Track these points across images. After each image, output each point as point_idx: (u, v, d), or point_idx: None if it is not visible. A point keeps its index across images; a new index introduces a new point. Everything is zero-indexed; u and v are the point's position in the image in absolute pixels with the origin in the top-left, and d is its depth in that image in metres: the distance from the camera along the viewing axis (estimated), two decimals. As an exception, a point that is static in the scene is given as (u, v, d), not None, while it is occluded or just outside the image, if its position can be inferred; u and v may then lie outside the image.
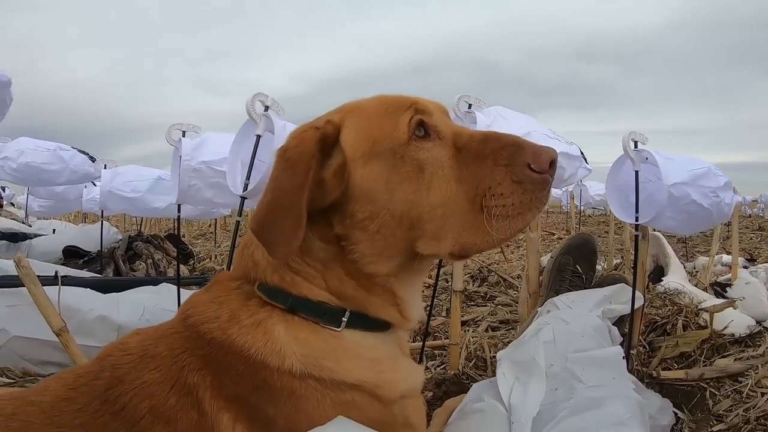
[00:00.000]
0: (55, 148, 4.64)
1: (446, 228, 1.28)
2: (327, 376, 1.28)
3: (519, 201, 1.24)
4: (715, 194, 2.38)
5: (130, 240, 5.20)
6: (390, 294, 1.39)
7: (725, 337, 2.88)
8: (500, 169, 1.25)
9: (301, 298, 1.34)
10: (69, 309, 2.54)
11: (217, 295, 1.39)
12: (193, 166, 2.67)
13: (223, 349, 1.27)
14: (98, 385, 1.29)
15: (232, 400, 1.25)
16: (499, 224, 1.24)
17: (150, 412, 1.22)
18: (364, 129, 1.33)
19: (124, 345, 1.37)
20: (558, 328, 1.98)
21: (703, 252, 6.58)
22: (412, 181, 1.28)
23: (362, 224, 1.30)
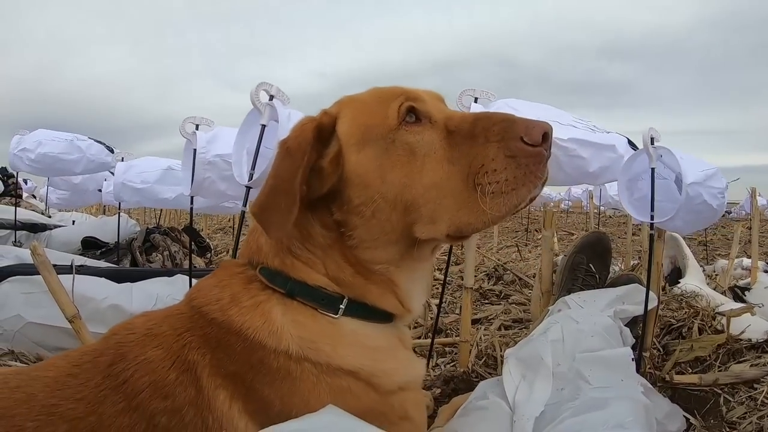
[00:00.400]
0: (72, 138, 4.73)
1: (441, 210, 1.31)
2: (323, 360, 1.31)
3: (513, 176, 1.24)
4: (722, 195, 2.35)
5: (147, 232, 5.25)
6: (389, 282, 1.42)
7: (742, 342, 2.83)
8: (492, 145, 1.26)
9: (299, 282, 1.38)
10: (83, 297, 2.62)
11: (221, 279, 1.44)
12: (208, 159, 2.70)
13: (222, 329, 1.31)
14: (102, 361, 1.33)
15: (229, 377, 1.28)
16: (493, 201, 1.25)
17: (150, 387, 1.26)
18: (357, 117, 1.39)
19: (129, 324, 1.43)
20: (567, 327, 1.95)
21: (723, 255, 6.51)
22: (404, 164, 1.33)
23: (358, 209, 1.35)
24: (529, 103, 2.39)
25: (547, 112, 2.35)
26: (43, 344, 2.66)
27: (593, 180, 2.53)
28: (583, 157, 2.33)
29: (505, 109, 2.31)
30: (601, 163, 2.39)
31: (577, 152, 2.31)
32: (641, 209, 2.37)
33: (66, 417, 1.24)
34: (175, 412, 1.25)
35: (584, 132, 2.35)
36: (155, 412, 1.24)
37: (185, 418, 1.24)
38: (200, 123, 2.78)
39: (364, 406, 1.29)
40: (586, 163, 2.35)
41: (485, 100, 2.33)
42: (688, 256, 3.99)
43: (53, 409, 1.25)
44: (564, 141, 2.27)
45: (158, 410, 1.24)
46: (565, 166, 2.33)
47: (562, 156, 2.30)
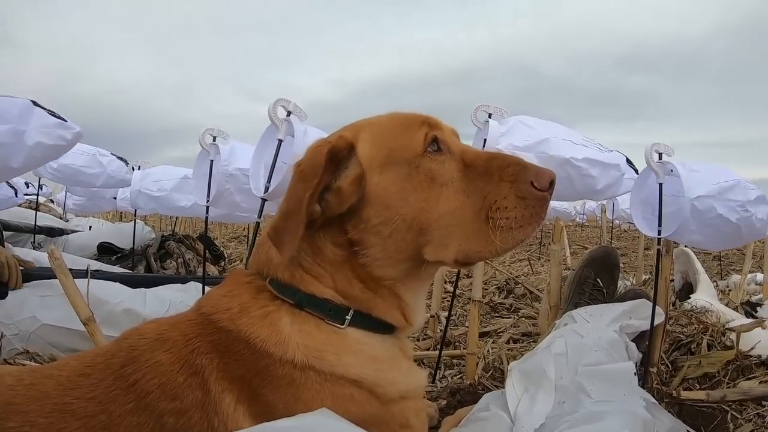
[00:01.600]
0: (95, 152, 4.81)
1: (452, 236, 1.39)
2: (327, 369, 1.35)
3: (521, 214, 1.36)
4: (743, 208, 2.31)
5: (162, 239, 5.29)
6: (395, 297, 1.48)
7: (751, 359, 2.80)
8: (506, 184, 1.37)
9: (308, 294, 1.43)
10: (98, 300, 2.66)
11: (231, 289, 1.49)
12: (230, 171, 2.78)
13: (231, 337, 1.36)
14: (113, 363, 1.37)
15: (236, 381, 1.32)
16: (503, 235, 1.36)
17: (159, 388, 1.30)
18: (380, 140, 1.44)
19: (141, 329, 1.47)
20: (571, 340, 1.96)
21: (738, 270, 6.48)
22: (425, 189, 1.39)
23: (376, 229, 1.40)
24: (542, 121, 2.44)
25: (558, 131, 2.39)
26: (57, 345, 2.70)
27: (598, 196, 2.58)
28: (593, 176, 2.39)
29: (518, 125, 2.36)
30: (607, 181, 2.45)
31: (588, 171, 2.37)
32: (652, 225, 2.37)
33: (77, 414, 1.28)
34: (182, 413, 1.28)
35: (594, 151, 2.40)
36: (163, 413, 1.28)
37: (192, 419, 1.28)
38: (217, 135, 2.84)
39: (366, 414, 1.33)
40: (594, 182, 2.41)
41: (499, 116, 2.37)
42: (700, 272, 3.97)
43: (66, 407, 1.29)
44: (578, 161, 2.32)
45: (166, 411, 1.28)
46: (576, 183, 2.38)
47: (575, 174, 2.35)
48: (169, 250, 5.16)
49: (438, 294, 3.57)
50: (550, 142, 2.30)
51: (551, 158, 2.29)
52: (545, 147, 2.30)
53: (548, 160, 2.28)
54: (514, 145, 2.27)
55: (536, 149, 2.28)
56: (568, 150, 2.32)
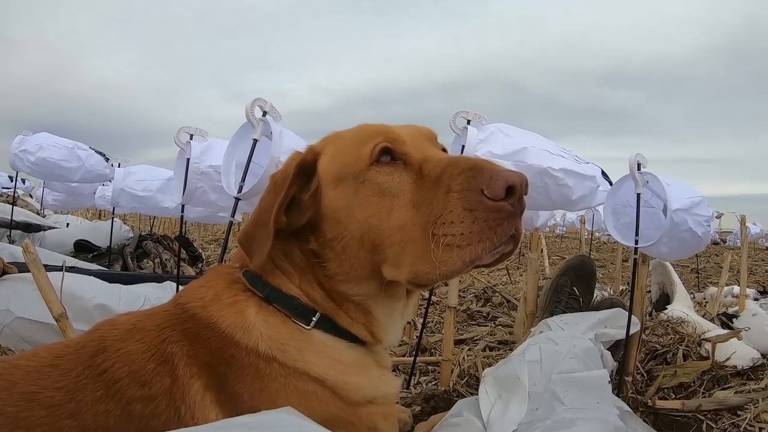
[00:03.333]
0: (73, 146, 4.79)
1: (404, 254, 1.29)
2: (290, 363, 1.34)
3: (468, 230, 1.18)
4: (707, 223, 2.38)
5: (140, 238, 5.27)
6: (364, 313, 1.46)
7: (727, 369, 2.84)
8: (453, 195, 1.21)
9: (276, 289, 1.43)
10: (71, 296, 2.65)
11: (209, 280, 1.51)
12: (201, 169, 2.76)
13: (201, 324, 1.36)
14: (84, 353, 1.36)
15: (204, 368, 1.31)
16: (445, 254, 1.20)
17: (128, 376, 1.29)
18: (336, 155, 1.43)
19: (113, 321, 1.46)
20: (546, 348, 1.96)
21: (715, 282, 6.53)
22: (372, 204, 1.33)
23: (330, 244, 1.40)
24: (520, 130, 2.44)
25: (536, 140, 2.40)
26: (29, 340, 2.66)
27: (572, 207, 2.58)
28: (569, 186, 2.40)
29: (497, 133, 2.35)
30: (582, 192, 2.46)
31: (564, 181, 2.37)
32: (626, 234, 2.39)
33: (45, 404, 1.26)
34: (150, 400, 1.26)
35: (571, 162, 2.42)
36: (131, 400, 1.26)
37: (159, 407, 1.26)
38: (195, 133, 2.82)
39: (331, 413, 1.32)
40: (570, 192, 2.42)
41: (477, 123, 2.36)
42: (676, 283, 4.00)
43: (33, 396, 1.27)
44: (556, 170, 2.32)
45: (134, 398, 1.26)
46: (552, 194, 2.38)
47: (552, 185, 2.35)
48: (147, 249, 5.14)
49: (414, 300, 3.56)
50: (528, 151, 2.30)
51: (529, 167, 2.29)
52: (523, 156, 2.29)
53: (526, 169, 2.28)
54: (492, 152, 2.27)
55: (514, 158, 2.28)
56: (546, 159, 2.32)
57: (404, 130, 1.44)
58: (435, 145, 1.49)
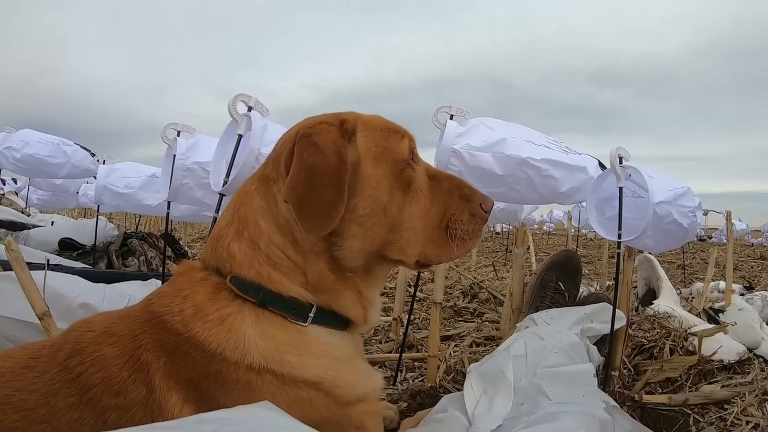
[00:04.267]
0: (59, 142, 4.72)
1: (417, 238, 1.50)
2: (287, 372, 1.31)
3: (471, 229, 1.55)
4: (693, 214, 2.38)
5: (125, 236, 5.22)
6: (357, 292, 1.48)
7: (713, 363, 2.86)
8: (462, 202, 1.55)
9: (274, 292, 1.38)
10: (55, 294, 2.58)
11: (181, 288, 1.41)
12: (187, 165, 2.74)
13: (181, 339, 1.30)
14: (59, 355, 1.34)
15: (182, 383, 1.28)
16: (458, 244, 1.52)
17: (102, 383, 1.27)
18: (375, 136, 1.48)
19: (89, 321, 1.43)
20: (531, 342, 1.97)
21: (701, 278, 6.57)
22: (404, 191, 1.48)
23: (361, 219, 1.40)
24: (504, 122, 2.41)
25: (521, 132, 2.37)
26: (13, 339, 2.61)
27: (564, 200, 2.54)
28: (555, 177, 2.35)
29: (478, 126, 2.33)
30: (573, 184, 2.41)
31: (549, 173, 2.33)
32: (610, 228, 2.39)
33: (18, 407, 1.25)
34: (125, 409, 1.25)
35: (557, 153, 2.37)
36: (106, 408, 1.25)
37: (135, 417, 1.25)
38: (182, 129, 2.81)
39: (321, 417, 1.31)
40: (558, 184, 2.37)
41: (461, 117, 2.34)
42: (663, 278, 4.01)
43: (6, 399, 1.26)
44: (537, 161, 2.29)
45: (109, 406, 1.25)
46: (538, 186, 2.34)
47: (535, 176, 2.32)
48: (132, 247, 5.10)
49: (401, 297, 3.56)
50: (507, 142, 2.27)
51: (508, 158, 2.26)
52: (502, 147, 2.27)
53: (505, 160, 2.26)
54: (471, 145, 2.24)
55: (493, 149, 2.25)
56: (526, 150, 2.29)
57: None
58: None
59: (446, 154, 2.25)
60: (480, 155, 2.26)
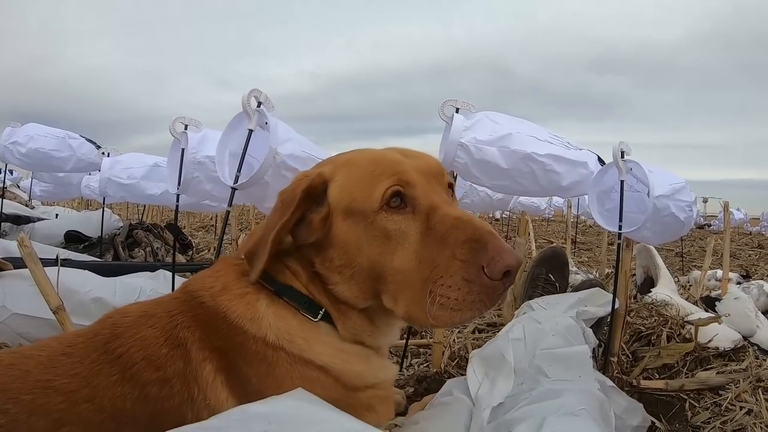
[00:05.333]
0: (64, 135, 4.73)
1: (402, 295, 1.38)
2: (297, 352, 1.40)
3: (463, 298, 1.27)
4: (689, 208, 2.42)
5: (130, 228, 5.25)
6: (368, 320, 1.54)
7: (709, 350, 2.90)
8: (456, 262, 1.28)
9: (286, 285, 1.49)
10: (67, 290, 2.61)
11: (217, 270, 1.55)
12: (198, 159, 2.79)
13: (211, 312, 1.41)
14: (97, 340, 1.40)
15: (215, 351, 1.37)
16: (439, 312, 1.29)
17: (143, 360, 1.34)
18: (348, 186, 1.46)
19: (124, 309, 1.51)
20: (529, 326, 2.01)
21: (699, 266, 6.62)
22: (380, 243, 1.39)
23: (339, 269, 1.46)
24: (509, 117, 2.46)
25: (525, 127, 2.42)
26: (27, 336, 2.64)
27: (565, 193, 2.59)
28: (557, 172, 2.41)
29: (484, 120, 2.38)
30: (573, 178, 2.47)
31: (552, 167, 2.39)
32: (610, 219, 2.45)
33: (61, 390, 1.29)
34: (165, 382, 1.32)
35: (559, 148, 2.42)
36: (147, 383, 1.31)
37: (174, 388, 1.31)
38: (189, 123, 2.84)
39: (332, 397, 1.32)
40: (559, 178, 2.43)
41: (466, 110, 2.39)
42: (661, 267, 4.05)
43: (48, 383, 1.30)
44: (541, 156, 2.34)
45: (150, 381, 1.31)
46: (540, 179, 2.40)
47: (538, 170, 2.37)
48: (137, 238, 5.13)
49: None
50: (512, 137, 2.33)
51: (513, 152, 2.32)
52: (507, 141, 2.32)
53: (510, 154, 2.32)
54: (477, 139, 2.30)
55: (498, 144, 2.32)
56: (531, 145, 2.34)
57: (415, 166, 1.47)
58: (441, 184, 1.52)
59: (453, 147, 2.30)
60: (486, 149, 2.31)
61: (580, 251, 9.94)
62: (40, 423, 1.25)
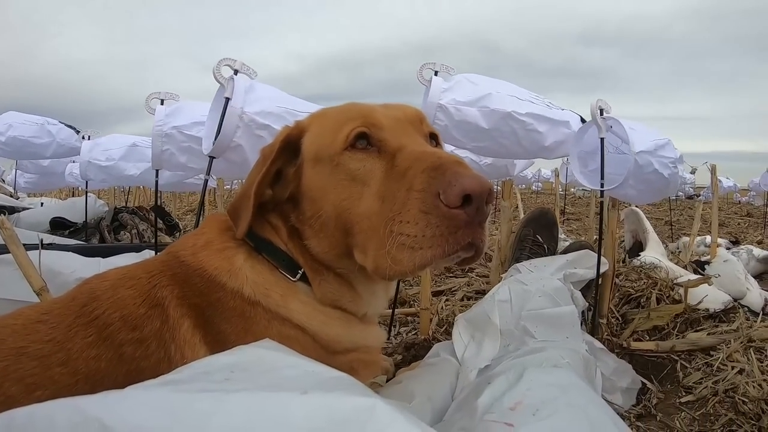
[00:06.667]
0: (43, 122, 4.69)
1: (369, 244, 1.28)
2: (273, 308, 1.38)
3: (422, 234, 1.14)
4: (674, 165, 2.40)
5: (116, 211, 5.24)
6: (347, 286, 1.49)
7: (699, 312, 2.91)
8: (413, 194, 1.17)
9: (266, 240, 1.47)
10: (50, 271, 2.57)
11: (202, 227, 1.55)
12: (165, 131, 2.75)
13: (190, 269, 1.39)
14: (73, 305, 1.37)
15: (193, 308, 1.35)
16: (398, 254, 1.18)
17: (120, 320, 1.31)
18: (318, 134, 1.44)
19: (102, 275, 1.48)
20: (515, 288, 2.00)
21: (688, 234, 6.67)
22: (344, 189, 1.33)
23: (309, 222, 1.42)
24: (489, 78, 2.43)
25: (505, 87, 2.40)
26: (9, 321, 2.64)
27: (548, 154, 2.57)
28: (539, 131, 2.40)
29: (463, 82, 2.35)
30: (556, 138, 2.46)
31: (534, 127, 2.37)
32: (592, 178, 2.43)
33: (34, 356, 1.27)
34: (141, 342, 1.29)
35: (541, 107, 2.41)
36: (123, 343, 1.28)
37: (150, 348, 1.29)
38: (165, 98, 2.80)
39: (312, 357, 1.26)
40: (542, 138, 2.42)
41: (445, 74, 2.36)
42: (649, 230, 4.06)
43: (22, 350, 1.28)
44: (522, 115, 2.32)
45: (126, 341, 1.29)
46: (523, 140, 2.38)
47: (520, 130, 2.35)
48: (123, 222, 5.12)
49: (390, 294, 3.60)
50: (492, 96, 2.30)
51: (493, 112, 2.30)
52: (487, 101, 2.30)
53: (490, 114, 2.30)
54: (456, 100, 2.28)
55: (478, 104, 2.29)
56: (511, 104, 2.32)
57: (387, 113, 1.42)
58: (419, 130, 1.44)
59: (432, 109, 2.27)
60: (466, 110, 2.28)
61: (569, 221, 9.95)
62: (13, 389, 1.23)
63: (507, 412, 1.18)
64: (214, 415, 0.74)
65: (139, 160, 4.16)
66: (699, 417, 2.01)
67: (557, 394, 1.22)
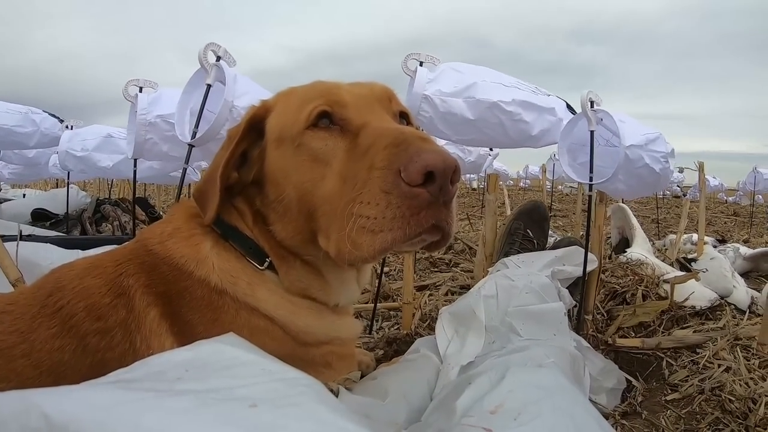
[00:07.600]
0: (27, 111, 4.63)
1: (332, 227, 1.22)
2: (241, 297, 1.34)
3: (382, 215, 1.08)
4: (665, 159, 2.37)
5: (98, 203, 5.21)
6: (315, 274, 1.45)
7: (686, 309, 2.90)
8: (374, 172, 1.10)
9: (232, 226, 1.43)
10: (27, 262, 2.54)
11: (171, 214, 1.51)
12: (149, 120, 2.72)
13: (158, 257, 1.35)
14: (39, 295, 1.33)
15: (160, 296, 1.30)
16: (358, 237, 1.11)
17: (84, 310, 1.27)
18: (281, 113, 1.39)
19: (70, 264, 1.44)
20: (501, 283, 1.96)
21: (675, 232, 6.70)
22: (307, 170, 1.28)
23: (273, 205, 1.38)
24: (474, 66, 2.40)
25: (490, 74, 2.37)
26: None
27: (535, 143, 2.54)
28: (526, 121, 2.37)
29: (447, 71, 2.32)
30: (543, 126, 2.44)
31: (521, 116, 2.34)
32: (581, 172, 2.40)
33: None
34: (105, 332, 1.25)
35: (526, 93, 2.38)
36: (87, 333, 1.25)
37: (114, 339, 1.25)
38: (144, 85, 2.77)
39: (284, 352, 1.26)
40: (529, 127, 2.39)
41: (430, 64, 2.34)
42: (635, 227, 4.05)
43: None
44: (508, 104, 2.29)
45: (90, 331, 1.25)
46: (509, 130, 2.36)
47: (507, 121, 2.33)
48: (105, 213, 5.10)
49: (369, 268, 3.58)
50: (478, 86, 2.27)
51: (479, 102, 2.27)
52: (473, 91, 2.27)
53: (476, 104, 2.27)
54: (441, 91, 2.25)
55: (464, 94, 2.26)
56: (497, 93, 2.29)
57: (353, 90, 1.37)
58: (386, 108, 1.39)
59: (417, 101, 2.24)
60: (451, 101, 2.25)
61: (557, 218, 10.00)
62: None
63: (487, 416, 1.14)
64: (143, 416, 0.72)
65: (113, 151, 4.12)
66: (685, 415, 2.00)
67: (541, 396, 1.18)
